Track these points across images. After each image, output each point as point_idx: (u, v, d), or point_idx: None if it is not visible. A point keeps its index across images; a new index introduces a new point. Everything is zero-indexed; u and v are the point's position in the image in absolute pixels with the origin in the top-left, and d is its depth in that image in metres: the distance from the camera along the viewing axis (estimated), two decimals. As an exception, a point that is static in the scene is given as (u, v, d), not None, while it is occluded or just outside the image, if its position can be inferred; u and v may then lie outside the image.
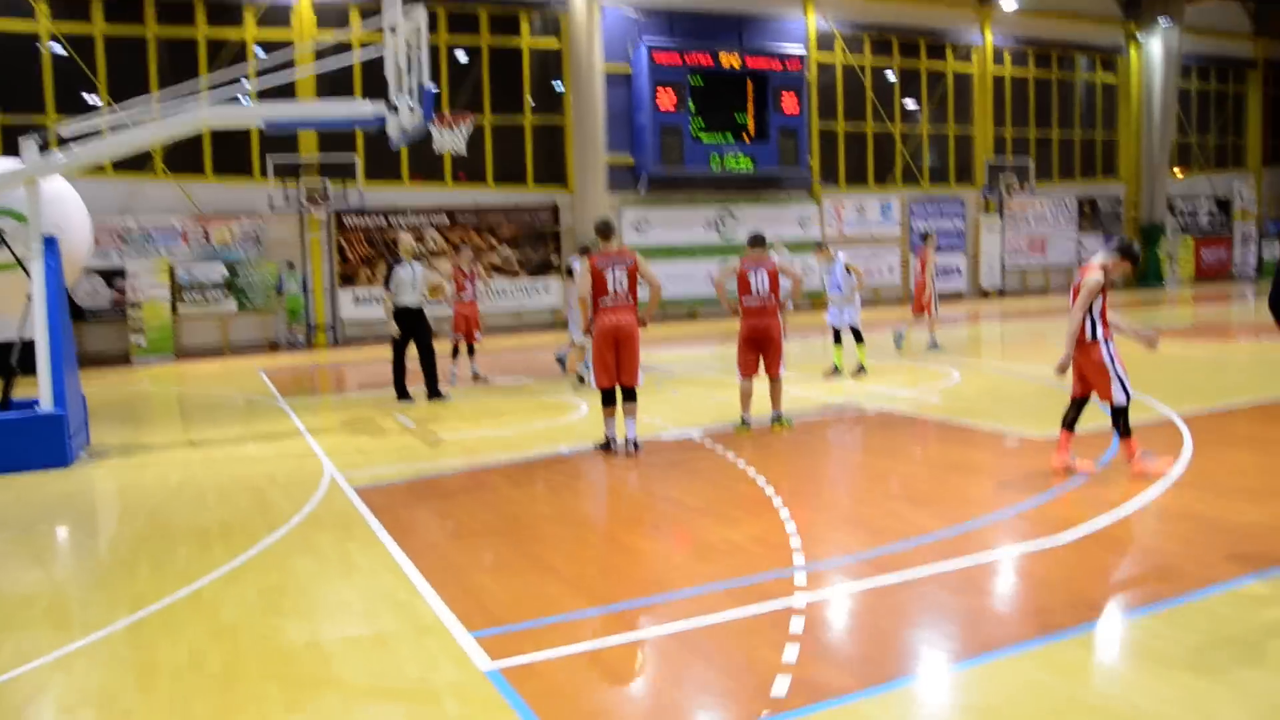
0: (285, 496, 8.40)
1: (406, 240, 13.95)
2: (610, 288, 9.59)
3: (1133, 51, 36.71)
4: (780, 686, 4.35)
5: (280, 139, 22.46)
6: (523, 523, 7.45)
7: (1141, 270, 36.27)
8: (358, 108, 11.42)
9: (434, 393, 13.67)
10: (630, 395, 9.73)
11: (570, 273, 14.51)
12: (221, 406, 14.41)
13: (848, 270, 14.47)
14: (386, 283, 13.37)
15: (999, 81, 34.04)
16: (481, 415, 12.42)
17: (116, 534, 7.43)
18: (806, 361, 16.07)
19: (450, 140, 11.92)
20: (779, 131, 28.26)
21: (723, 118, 27.62)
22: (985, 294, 33.18)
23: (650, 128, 26.63)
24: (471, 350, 15.68)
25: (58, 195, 19.24)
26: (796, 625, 5.08)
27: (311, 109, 11.51)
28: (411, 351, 13.54)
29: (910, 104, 32.70)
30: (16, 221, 18.45)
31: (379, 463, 9.61)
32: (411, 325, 13.46)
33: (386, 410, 13.09)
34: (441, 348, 14.43)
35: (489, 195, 26.29)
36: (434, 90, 11.03)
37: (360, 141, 24.65)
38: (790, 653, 4.71)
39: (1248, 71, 40.39)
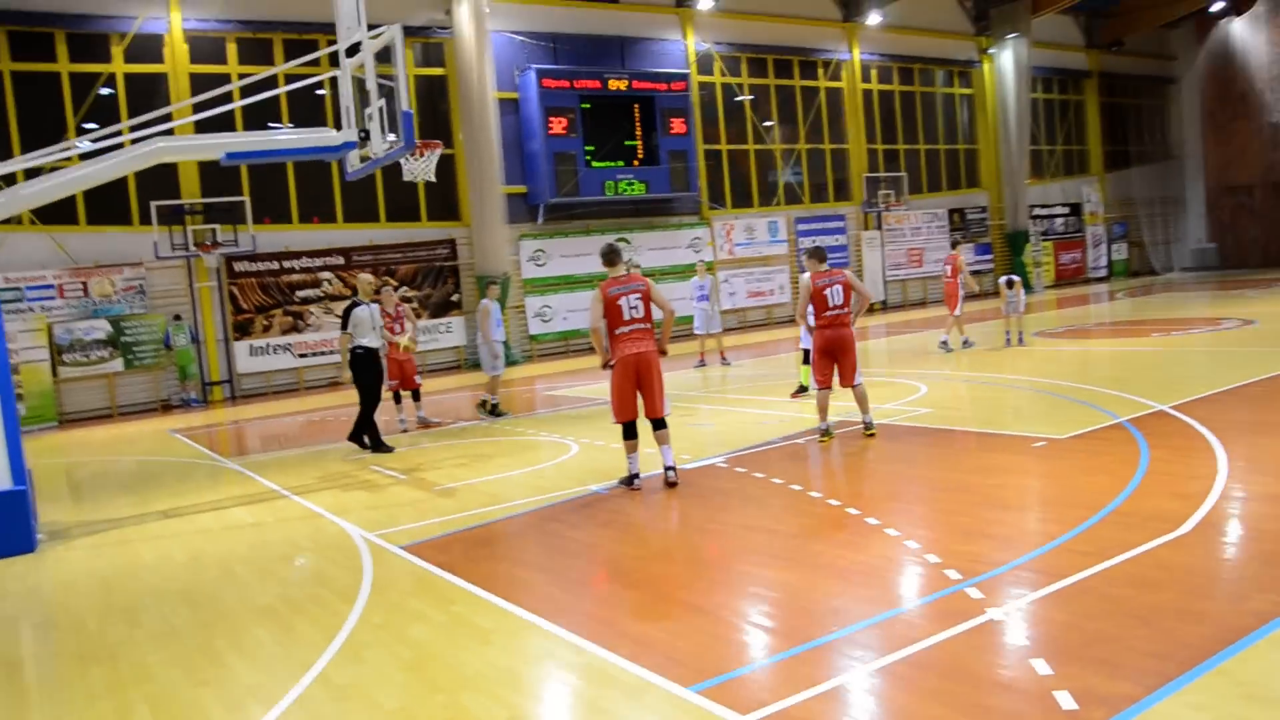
0: (330, 563, 7.53)
1: (366, 280, 13.07)
2: (626, 315, 9.07)
3: (985, 64, 38.13)
4: (1064, 700, 4.17)
5: (160, 182, 21.10)
6: (622, 565, 6.93)
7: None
8: (325, 135, 10.59)
9: (374, 443, 12.81)
10: (660, 424, 9.22)
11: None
12: (161, 474, 13.14)
13: None
14: (345, 323, 12.43)
15: (868, 96, 34.80)
16: (468, 460, 11.62)
17: (167, 624, 6.44)
18: (761, 382, 15.82)
19: (421, 168, 11.17)
20: (669, 155, 28.08)
21: (613, 143, 27.27)
22: (871, 308, 33.70)
23: (544, 155, 26.05)
24: (416, 395, 14.76)
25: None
26: (1017, 637, 4.94)
27: (275, 138, 10.58)
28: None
29: (787, 122, 33.03)
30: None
31: (403, 519, 8.77)
32: (372, 367, 12.60)
33: (356, 464, 12.14)
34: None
35: (383, 233, 25.23)
36: (411, 114, 10.29)
37: (246, 181, 23.32)
38: (1041, 666, 4.52)
39: (1084, 81, 42.46)
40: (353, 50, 10.87)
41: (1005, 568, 5.97)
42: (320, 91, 22.90)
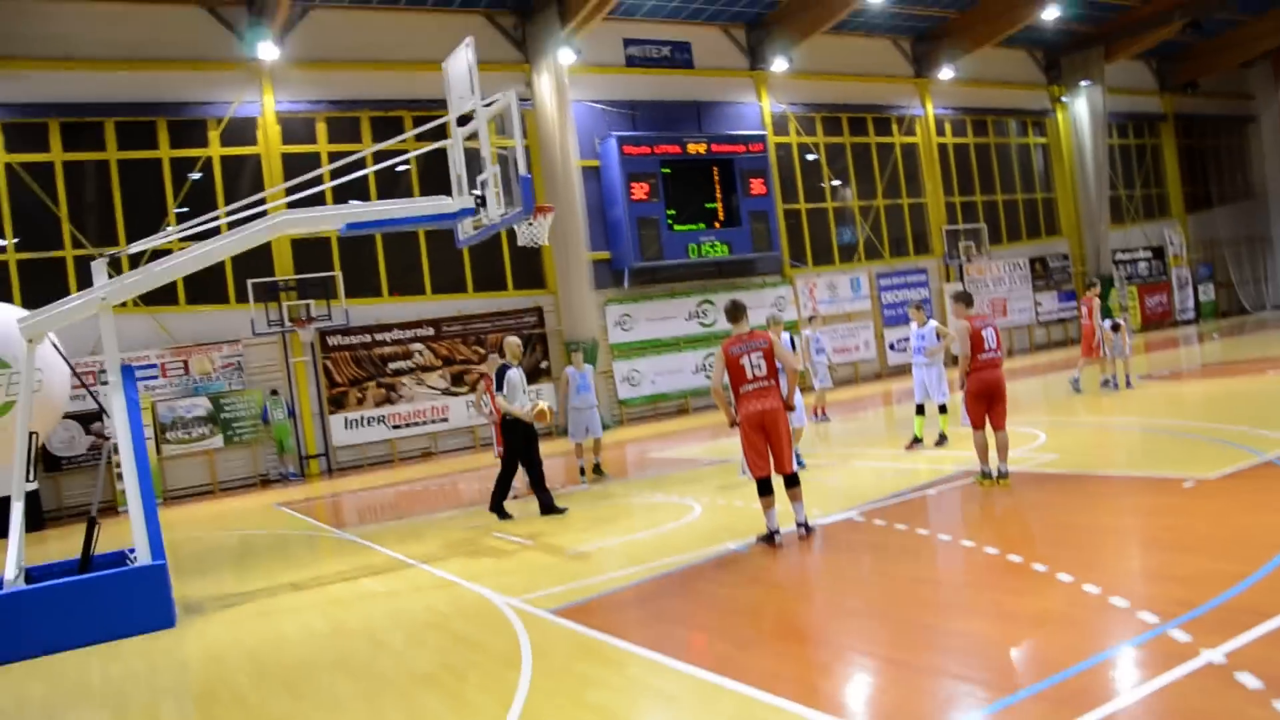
0: (481, 629, 7.36)
1: (514, 342, 12.98)
2: (749, 374, 8.93)
3: (1059, 113, 37.80)
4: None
5: (255, 260, 21.45)
6: (792, 621, 6.75)
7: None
8: (441, 203, 10.64)
9: (551, 507, 12.29)
10: (793, 480, 9.03)
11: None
12: (278, 547, 13.16)
13: (938, 336, 13.99)
14: (499, 385, 12.25)
15: (943, 150, 34.60)
16: (590, 524, 11.43)
17: (330, 695, 6.31)
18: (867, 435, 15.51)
19: (536, 232, 11.16)
20: (749, 215, 28.03)
21: (694, 206, 27.31)
22: (956, 359, 33.11)
23: (627, 221, 26.15)
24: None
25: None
26: (1247, 679, 4.64)
27: (394, 207, 10.63)
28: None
29: (864, 178, 32.90)
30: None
31: (542, 584, 8.58)
32: (523, 433, 12.34)
33: (479, 530, 12.02)
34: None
35: (470, 303, 25.42)
36: (530, 178, 10.31)
37: (336, 256, 23.68)
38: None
39: (1160, 125, 41.89)
40: (462, 120, 10.96)
41: (1204, 609, 5.68)
42: (403, 168, 23.19)
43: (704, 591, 7.68)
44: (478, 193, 10.60)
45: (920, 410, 14.08)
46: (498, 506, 12.44)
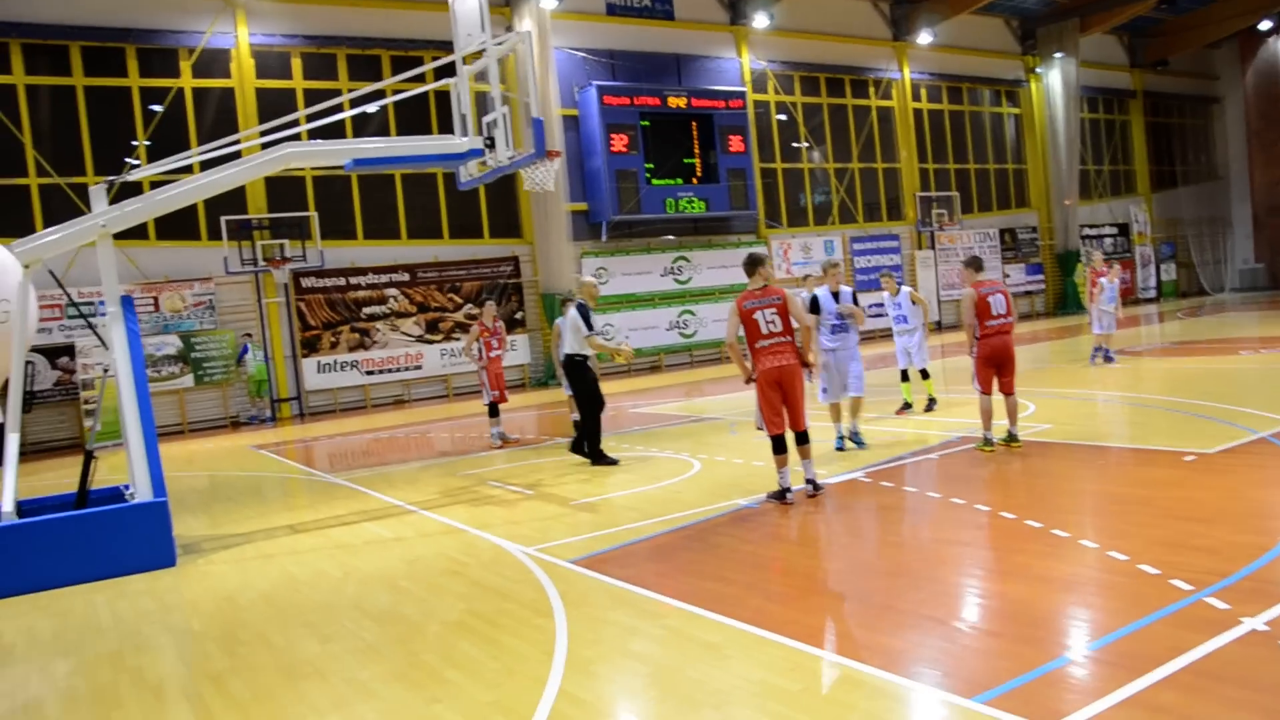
0: (504, 578, 7.27)
1: (591, 283, 12.37)
2: (764, 329, 8.86)
3: (1033, 84, 37.92)
4: None
5: (228, 198, 20.94)
6: (821, 577, 6.70)
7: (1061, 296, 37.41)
8: (449, 143, 10.41)
9: (601, 457, 12.00)
10: (804, 438, 9.00)
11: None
12: (265, 489, 12.98)
13: (913, 301, 14.02)
14: (589, 326, 11.83)
15: (918, 115, 34.62)
16: (589, 476, 11.36)
17: (360, 640, 6.18)
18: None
19: (542, 177, 10.97)
20: (727, 172, 27.90)
21: (673, 160, 27.13)
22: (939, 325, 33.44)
23: (605, 173, 25.91)
24: (498, 410, 14.56)
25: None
26: None
27: (401, 144, 10.40)
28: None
29: (840, 140, 32.83)
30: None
31: (555, 534, 8.51)
32: (589, 377, 12.00)
33: (473, 479, 11.93)
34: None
35: (446, 249, 25.11)
36: (542, 121, 10.11)
37: (312, 196, 23.23)
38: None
39: (1129, 101, 42.21)
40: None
41: (1236, 577, 5.72)
42: (373, 107, 22.70)
43: (724, 546, 7.63)
44: (487, 134, 10.37)
45: (904, 376, 14.16)
46: (596, 454, 11.96)
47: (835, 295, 11.55)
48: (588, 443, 12.01)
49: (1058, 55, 36.69)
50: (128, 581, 8.27)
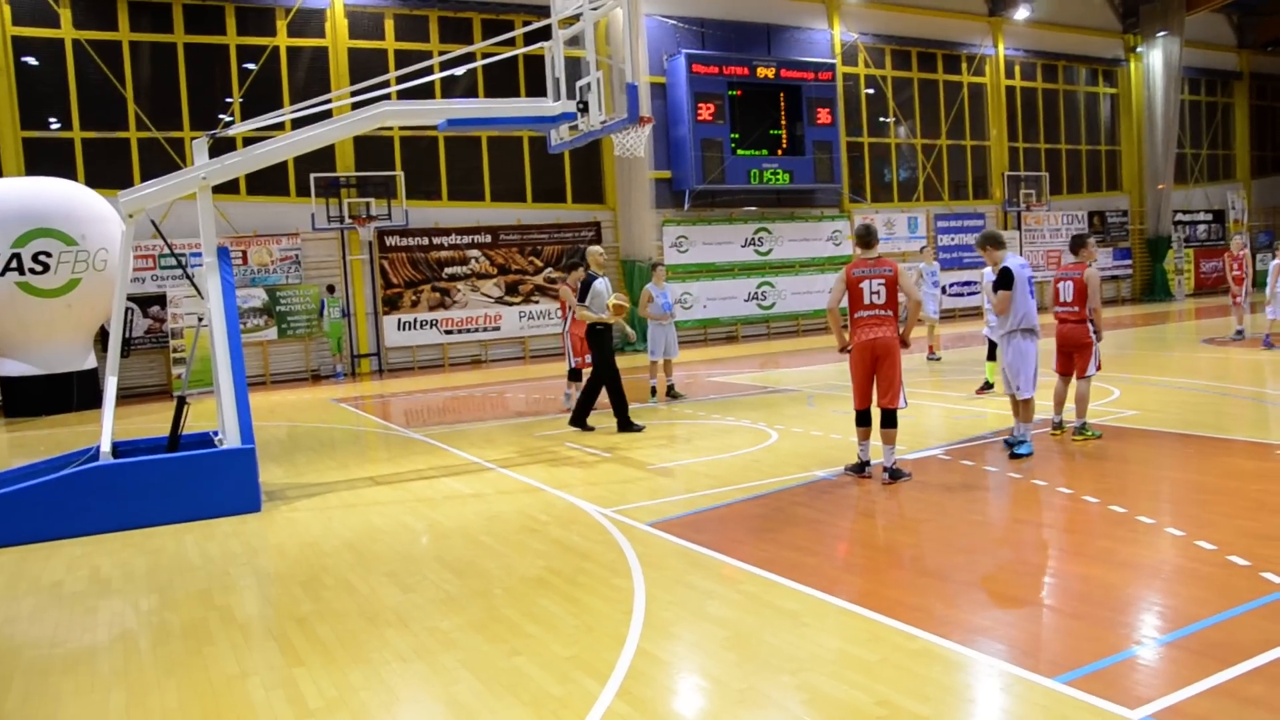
0: (581, 537, 7.34)
1: (597, 251, 12.91)
2: (866, 299, 8.74)
3: (1132, 63, 36.91)
4: None
5: (317, 156, 21.27)
6: (901, 552, 6.65)
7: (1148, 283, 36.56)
8: (542, 105, 10.44)
9: (623, 421, 12.24)
10: (890, 419, 8.77)
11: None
12: (347, 441, 13.24)
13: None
14: (582, 297, 12.25)
15: (1010, 93, 33.92)
16: (666, 442, 11.43)
17: (441, 590, 6.29)
18: (936, 377, 15.36)
19: (632, 142, 10.96)
20: (813, 145, 27.62)
21: (759, 131, 26.90)
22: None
23: (691, 141, 25.80)
24: (580, 375, 14.64)
25: (101, 215, 18.09)
26: None
27: (495, 106, 10.46)
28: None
29: (929, 116, 32.29)
30: (64, 244, 17.31)
31: (632, 497, 8.57)
32: (609, 341, 12.28)
33: (551, 439, 12.05)
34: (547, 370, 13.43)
35: (530, 213, 25.23)
36: (637, 86, 10.09)
37: (399, 156, 23.50)
38: None
39: (1234, 83, 40.86)
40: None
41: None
42: (461, 70, 22.78)
43: (802, 517, 7.63)
44: (580, 98, 10.39)
45: (992, 354, 13.90)
46: (625, 419, 12.22)
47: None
48: (613, 410, 12.21)
49: (1161, 34, 35.59)
50: (216, 524, 8.50)
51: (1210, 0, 35.45)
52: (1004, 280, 9.46)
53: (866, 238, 9.01)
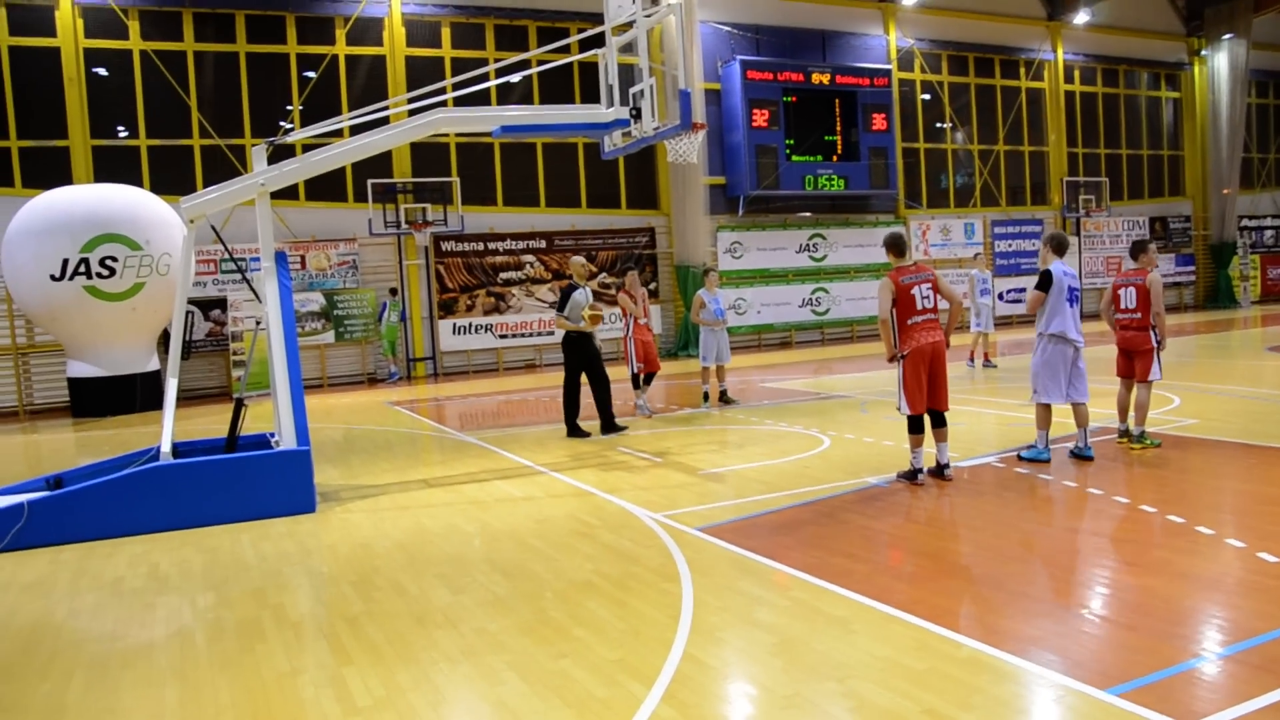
0: (631, 542, 7.36)
1: (579, 262, 13.19)
2: (919, 305, 8.79)
3: (1196, 66, 36.25)
4: None
5: (374, 162, 21.50)
6: (953, 560, 6.55)
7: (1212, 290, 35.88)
8: (595, 112, 10.49)
9: (610, 426, 12.84)
10: (941, 420, 8.90)
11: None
12: (400, 444, 13.38)
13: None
14: (561, 307, 12.63)
15: (1070, 98, 33.47)
16: (718, 447, 11.44)
17: (490, 593, 6.34)
18: (989, 384, 15.18)
19: (685, 148, 10.97)
20: (869, 151, 27.46)
21: (813, 137, 26.80)
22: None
23: (745, 147, 25.78)
24: (650, 379, 14.66)
25: (165, 220, 18.46)
26: None
27: (549, 113, 10.53)
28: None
29: (986, 122, 31.96)
30: (129, 249, 17.68)
31: (682, 502, 8.57)
32: (584, 351, 12.74)
33: (603, 443, 12.10)
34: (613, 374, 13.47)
35: (583, 218, 25.36)
36: (689, 93, 10.10)
37: (454, 162, 23.73)
38: None
39: (1303, 86, 39.99)
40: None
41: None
42: (517, 77, 22.95)
43: (853, 523, 7.58)
44: (633, 104, 10.42)
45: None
46: (573, 426, 12.87)
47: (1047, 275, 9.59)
48: (565, 412, 12.95)
49: (1226, 37, 34.92)
50: (271, 524, 8.64)
51: (1278, 2, 34.72)
52: (1043, 282, 9.38)
53: (901, 245, 9.12)
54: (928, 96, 30.69)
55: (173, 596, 6.62)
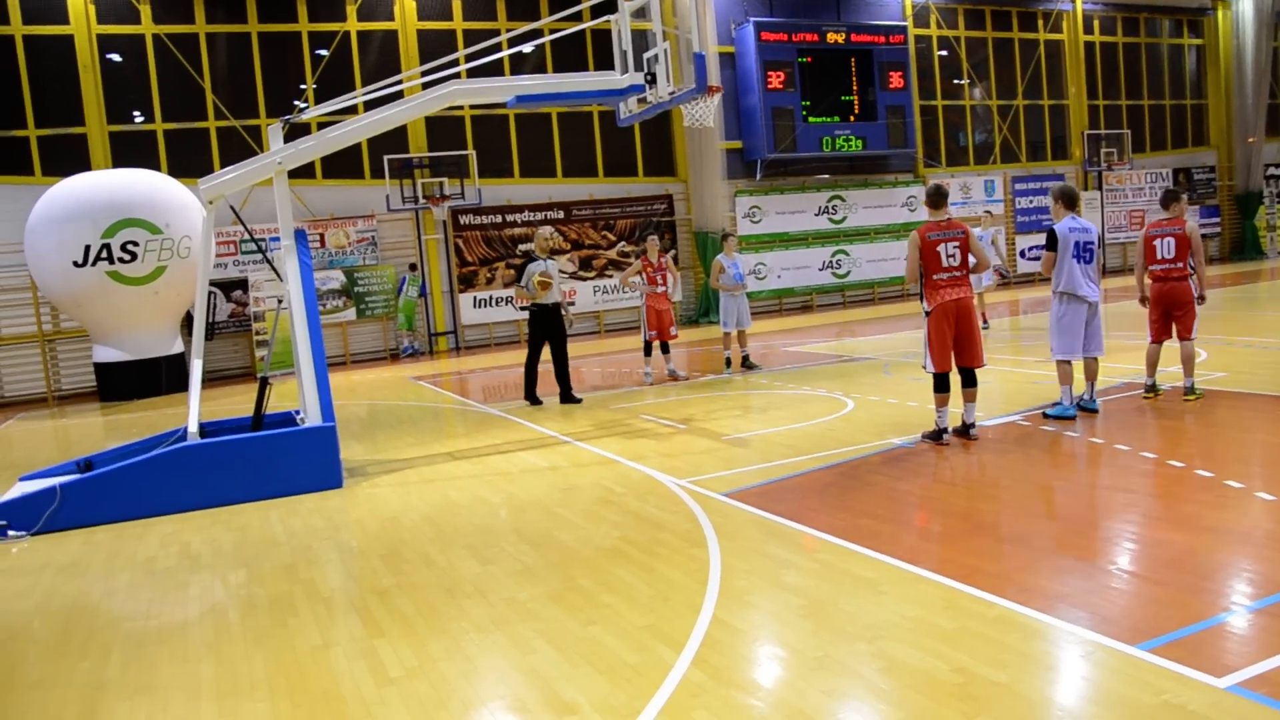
0: (657, 508, 7.38)
1: (544, 235, 13.29)
2: (944, 261, 8.71)
3: (1220, 12, 35.63)
4: None
5: (390, 138, 21.50)
6: (979, 519, 6.52)
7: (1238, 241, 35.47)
8: (609, 79, 10.44)
9: (568, 397, 13.18)
10: (971, 378, 8.84)
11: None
12: (425, 418, 13.44)
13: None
14: (519, 279, 12.86)
15: (1089, 49, 32.99)
16: (742, 412, 11.44)
17: (518, 562, 6.38)
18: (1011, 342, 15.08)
19: (701, 113, 10.91)
20: (886, 109, 27.19)
21: (830, 98, 26.53)
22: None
23: (761, 110, 25.55)
24: (666, 348, 14.66)
25: (184, 203, 18.52)
26: None
27: (563, 81, 10.47)
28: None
29: (1004, 77, 31.58)
30: (150, 233, 17.76)
31: (707, 468, 8.58)
32: (547, 324, 12.98)
33: (625, 411, 12.12)
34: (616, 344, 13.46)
35: (600, 187, 25.26)
36: (704, 56, 10.02)
37: (470, 135, 23.68)
38: None
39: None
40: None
41: None
42: (529, 47, 22.81)
43: (879, 485, 7.57)
44: (648, 70, 10.36)
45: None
46: (530, 394, 13.35)
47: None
48: (525, 382, 13.39)
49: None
50: (299, 500, 8.71)
51: (1305, -58, 34.05)
52: (1050, 241, 9.34)
53: (938, 197, 8.94)
54: (944, 53, 30.32)
55: (205, 574, 6.69)
